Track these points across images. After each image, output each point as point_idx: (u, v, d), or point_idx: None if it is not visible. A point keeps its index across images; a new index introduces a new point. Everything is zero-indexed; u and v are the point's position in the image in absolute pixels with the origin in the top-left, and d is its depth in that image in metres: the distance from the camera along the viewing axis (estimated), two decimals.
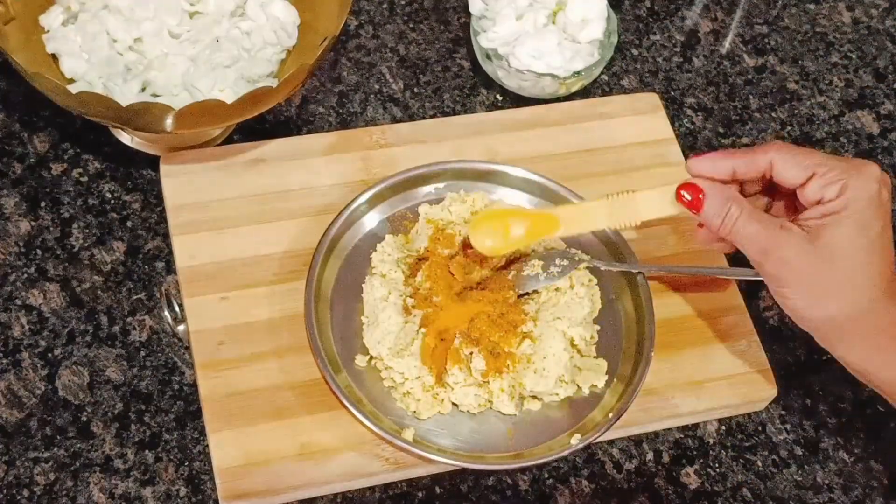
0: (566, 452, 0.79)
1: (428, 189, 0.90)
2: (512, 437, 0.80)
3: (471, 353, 0.80)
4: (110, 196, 0.92)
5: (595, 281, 0.87)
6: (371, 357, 0.82)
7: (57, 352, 0.84)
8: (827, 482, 0.86)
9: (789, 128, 1.06)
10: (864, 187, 0.69)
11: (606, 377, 0.83)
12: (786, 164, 0.71)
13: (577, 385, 0.82)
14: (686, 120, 1.05)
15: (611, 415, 0.80)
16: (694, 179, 0.72)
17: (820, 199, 0.70)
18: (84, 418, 0.82)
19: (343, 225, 0.86)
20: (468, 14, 1.03)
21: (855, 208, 0.69)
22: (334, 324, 0.84)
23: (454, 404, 0.81)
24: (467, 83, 1.04)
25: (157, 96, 0.91)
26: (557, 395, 0.82)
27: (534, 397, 0.82)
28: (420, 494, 0.82)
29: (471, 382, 0.80)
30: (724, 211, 0.71)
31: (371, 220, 0.88)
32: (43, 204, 0.91)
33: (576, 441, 0.79)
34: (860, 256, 0.69)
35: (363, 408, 0.79)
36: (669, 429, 0.87)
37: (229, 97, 0.87)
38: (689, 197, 0.71)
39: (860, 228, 0.69)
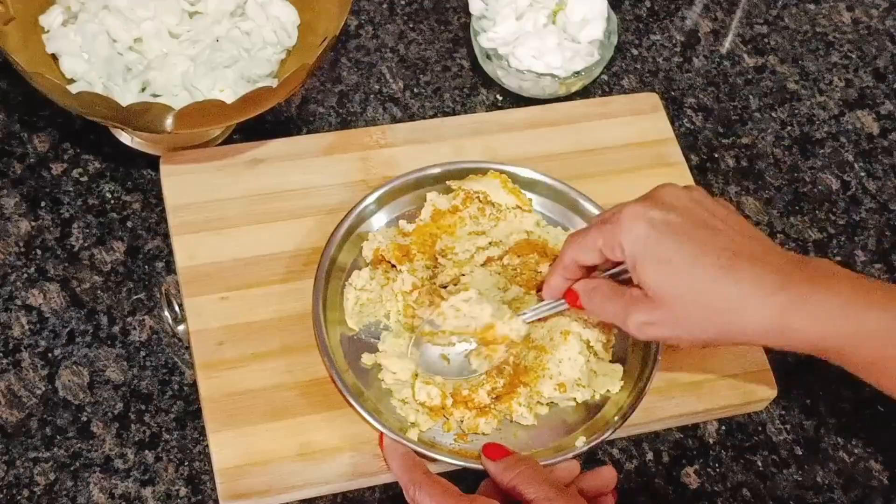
0: (571, 455, 0.78)
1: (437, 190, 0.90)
2: (518, 438, 0.80)
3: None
4: (110, 196, 0.92)
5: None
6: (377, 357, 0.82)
7: (57, 352, 0.84)
8: (827, 482, 0.86)
9: (789, 128, 1.06)
10: (630, 234, 0.72)
11: (622, 383, 0.83)
12: (582, 253, 0.76)
13: (593, 389, 0.82)
14: (686, 120, 1.05)
15: (616, 418, 0.80)
16: (574, 286, 0.79)
17: (622, 263, 0.74)
18: (84, 418, 0.82)
19: (359, 216, 0.87)
20: (468, 14, 1.03)
21: (639, 254, 0.71)
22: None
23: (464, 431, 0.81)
24: (467, 83, 1.04)
25: (157, 96, 0.91)
26: (574, 399, 0.82)
27: (549, 403, 0.82)
28: None
29: (479, 411, 0.80)
30: (591, 299, 0.77)
31: (379, 220, 0.88)
32: (43, 204, 0.91)
33: (581, 443, 0.79)
34: (682, 282, 0.71)
35: (366, 405, 0.79)
36: (669, 429, 0.87)
37: (229, 97, 0.87)
38: (579, 302, 0.79)
39: (657, 264, 0.71)
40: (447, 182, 0.89)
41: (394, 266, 0.84)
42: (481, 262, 0.85)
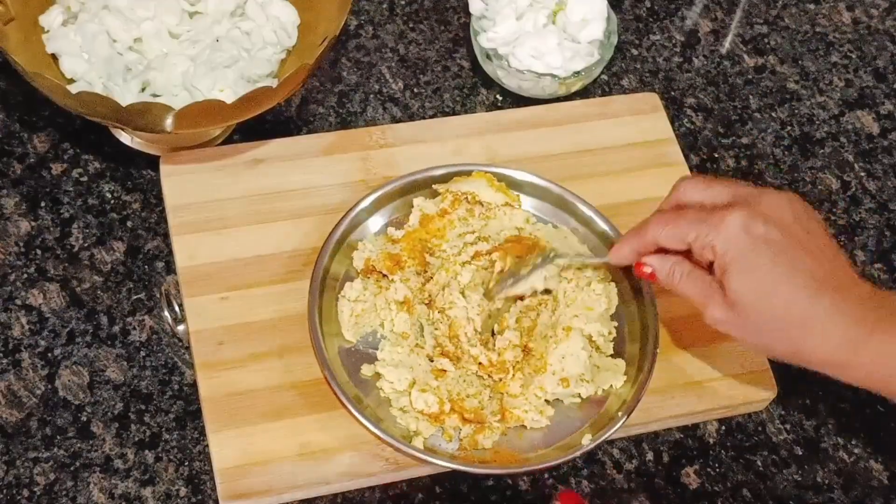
0: (579, 453, 0.79)
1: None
2: (523, 439, 0.80)
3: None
4: (110, 196, 0.92)
5: (611, 277, 0.87)
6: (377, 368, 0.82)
7: (57, 352, 0.84)
8: (827, 482, 0.86)
9: (789, 128, 1.06)
10: (728, 240, 0.72)
11: (625, 378, 0.83)
12: (668, 239, 0.76)
13: (597, 385, 0.82)
14: (686, 120, 1.05)
15: (620, 413, 0.80)
16: (644, 259, 0.78)
17: (708, 261, 0.74)
18: (84, 418, 0.82)
19: (348, 226, 0.86)
20: (468, 14, 1.03)
21: (731, 261, 0.72)
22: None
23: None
24: (467, 83, 1.04)
25: (157, 96, 0.91)
26: (579, 395, 0.82)
27: (555, 400, 0.82)
28: (420, 495, 0.81)
29: (478, 427, 0.80)
30: (672, 277, 0.77)
31: (376, 222, 0.88)
32: (43, 204, 0.91)
33: (587, 441, 0.79)
34: (766, 297, 0.72)
35: (366, 411, 0.79)
36: (669, 429, 0.87)
37: (229, 97, 0.87)
38: (647, 271, 0.78)
39: (747, 274, 0.72)
40: (433, 186, 0.89)
41: (385, 276, 0.84)
42: (470, 256, 0.85)
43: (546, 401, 0.81)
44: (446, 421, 0.79)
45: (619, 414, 0.80)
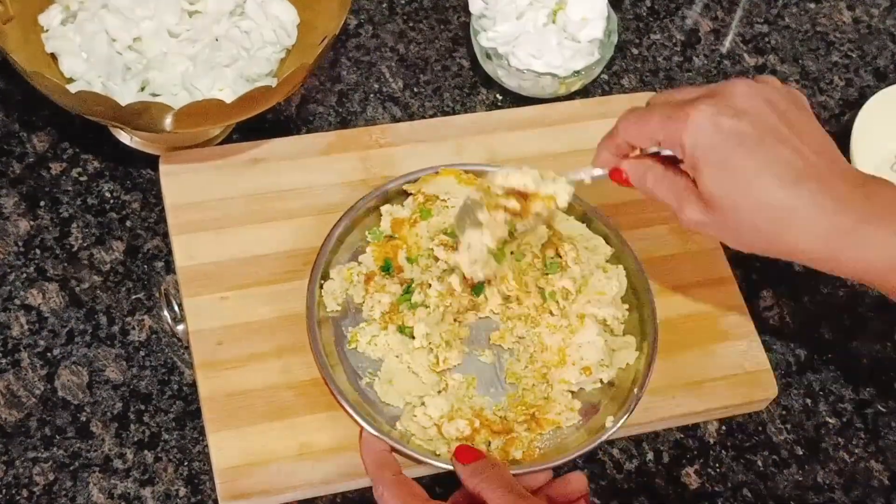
0: (605, 437, 0.78)
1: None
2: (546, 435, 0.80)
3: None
4: (109, 196, 0.92)
5: (618, 259, 0.87)
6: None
7: (56, 352, 0.84)
8: (827, 482, 0.86)
9: None
10: (695, 136, 0.69)
11: (637, 353, 0.83)
12: (637, 137, 0.73)
13: (616, 367, 0.82)
14: None
15: (636, 389, 0.80)
16: (620, 163, 0.76)
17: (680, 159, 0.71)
18: (83, 418, 0.82)
19: (348, 225, 0.86)
20: (468, 13, 1.03)
21: (701, 157, 0.69)
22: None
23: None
24: (467, 82, 1.04)
25: (157, 96, 0.90)
26: (601, 380, 0.82)
27: (579, 390, 0.82)
28: None
29: (508, 440, 0.80)
30: (644, 181, 0.74)
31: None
32: (42, 203, 0.91)
33: (610, 423, 0.78)
34: (741, 192, 0.69)
35: (351, 399, 0.79)
36: (669, 429, 0.86)
37: (229, 97, 0.87)
38: (623, 176, 0.76)
39: (718, 170, 0.69)
40: (404, 187, 0.88)
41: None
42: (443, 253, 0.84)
43: (570, 392, 0.81)
44: (476, 438, 0.79)
45: (636, 390, 0.80)
